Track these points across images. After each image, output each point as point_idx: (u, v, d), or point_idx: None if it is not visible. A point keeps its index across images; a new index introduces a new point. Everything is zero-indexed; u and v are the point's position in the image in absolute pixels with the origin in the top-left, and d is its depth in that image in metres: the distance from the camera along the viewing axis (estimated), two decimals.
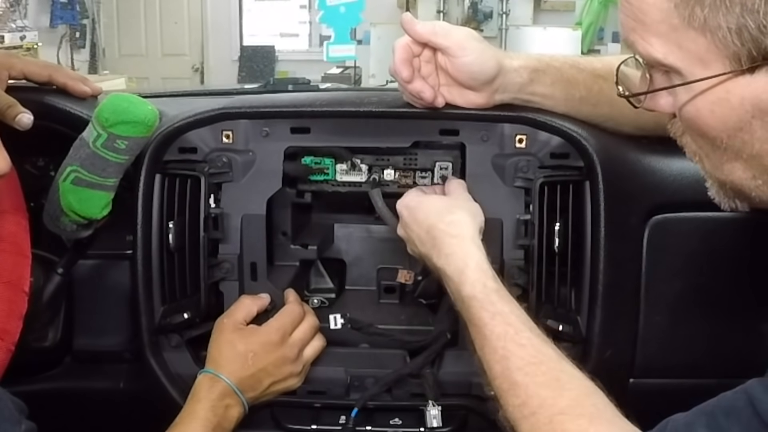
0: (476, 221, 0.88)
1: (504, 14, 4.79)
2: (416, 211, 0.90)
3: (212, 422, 0.88)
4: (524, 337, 0.77)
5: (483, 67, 0.89)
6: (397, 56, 0.89)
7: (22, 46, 5.18)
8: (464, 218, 0.86)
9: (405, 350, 1.00)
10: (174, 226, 0.96)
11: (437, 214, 0.87)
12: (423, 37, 0.89)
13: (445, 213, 0.87)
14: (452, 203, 0.90)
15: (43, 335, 0.99)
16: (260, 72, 6.69)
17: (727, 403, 0.64)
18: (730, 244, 0.96)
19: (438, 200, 0.91)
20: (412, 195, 0.93)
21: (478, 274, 0.81)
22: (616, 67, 0.94)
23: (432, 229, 0.86)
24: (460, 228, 0.85)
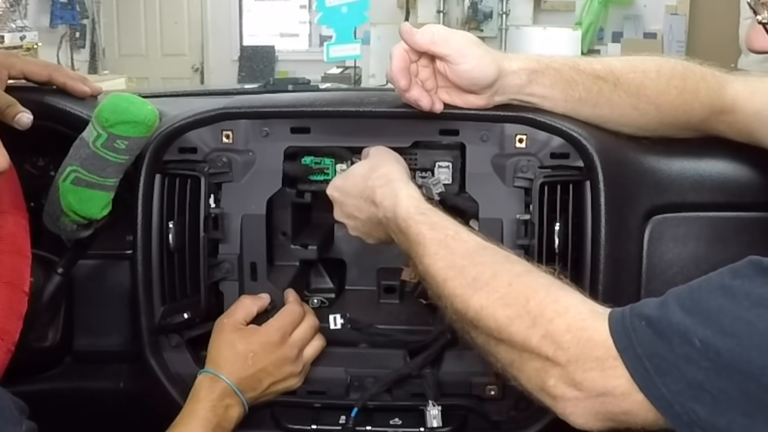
0: (400, 164, 0.90)
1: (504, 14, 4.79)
2: (345, 185, 0.91)
3: (212, 422, 0.88)
4: (464, 236, 0.78)
5: (483, 72, 0.89)
6: (394, 65, 0.89)
7: (22, 46, 5.17)
8: (389, 169, 0.88)
9: (405, 350, 1.00)
10: (174, 226, 0.96)
11: (363, 178, 0.88)
12: (422, 47, 0.89)
13: (370, 173, 0.88)
14: (374, 163, 0.90)
15: (43, 335, 0.99)
16: (260, 72, 6.68)
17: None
18: (730, 244, 0.96)
19: (360, 166, 0.91)
20: (338, 175, 0.95)
21: (410, 200, 0.83)
22: (615, 68, 0.94)
23: (363, 191, 0.88)
24: (389, 175, 0.87)
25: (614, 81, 0.93)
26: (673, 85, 0.93)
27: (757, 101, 0.93)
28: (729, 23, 4.22)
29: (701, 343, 0.59)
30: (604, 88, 0.93)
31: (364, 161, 0.92)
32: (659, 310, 0.63)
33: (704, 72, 0.95)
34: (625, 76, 0.93)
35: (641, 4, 5.89)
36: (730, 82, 0.95)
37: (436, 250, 0.77)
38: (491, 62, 0.89)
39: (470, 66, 0.89)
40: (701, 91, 0.94)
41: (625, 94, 0.93)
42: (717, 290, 0.62)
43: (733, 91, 0.94)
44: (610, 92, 0.93)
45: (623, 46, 5.60)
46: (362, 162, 0.93)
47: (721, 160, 0.98)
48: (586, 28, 5.38)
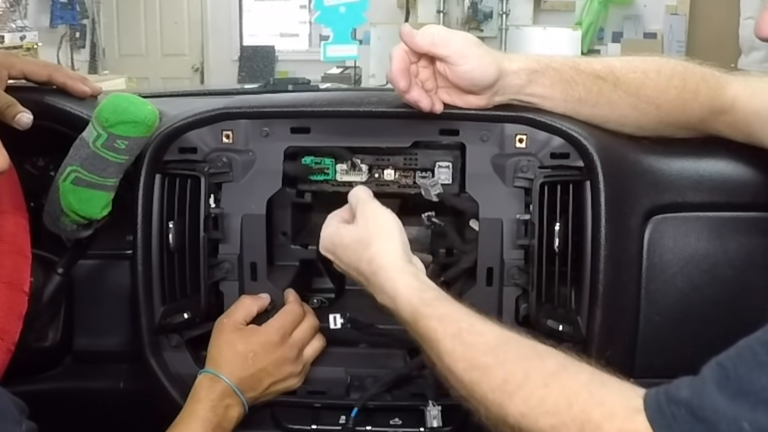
0: (392, 241, 0.82)
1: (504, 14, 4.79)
2: (337, 254, 0.86)
3: (212, 422, 0.88)
4: (479, 327, 0.72)
5: (483, 73, 0.89)
6: (394, 66, 0.88)
7: (22, 46, 5.17)
8: (380, 248, 0.81)
9: (405, 350, 1.00)
10: (174, 226, 0.96)
11: (355, 254, 0.83)
12: (422, 49, 0.89)
13: (361, 249, 0.82)
14: (362, 234, 0.84)
15: (43, 335, 0.99)
16: (260, 72, 6.68)
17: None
18: (731, 244, 0.96)
19: (349, 235, 0.85)
20: (327, 234, 0.87)
21: (411, 291, 0.77)
22: (615, 68, 0.94)
23: (357, 270, 0.84)
24: (379, 260, 0.81)
25: (614, 81, 0.93)
26: (673, 84, 0.94)
27: (757, 101, 0.93)
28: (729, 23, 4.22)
29: (751, 427, 0.55)
30: (604, 88, 0.93)
31: (353, 228, 0.85)
32: (697, 393, 0.60)
33: (704, 72, 0.95)
34: (625, 76, 0.93)
35: (641, 4, 5.89)
36: (730, 82, 0.95)
37: (453, 347, 0.71)
38: (491, 63, 0.89)
39: (470, 67, 0.89)
40: (701, 90, 0.94)
41: (625, 94, 0.93)
42: (758, 368, 0.59)
43: (733, 91, 0.94)
44: (610, 92, 0.93)
45: (623, 46, 5.60)
46: (351, 229, 0.85)
47: (721, 160, 0.98)
48: (586, 28, 5.38)
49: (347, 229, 0.85)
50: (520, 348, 0.70)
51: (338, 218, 0.89)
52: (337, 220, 0.89)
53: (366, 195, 0.88)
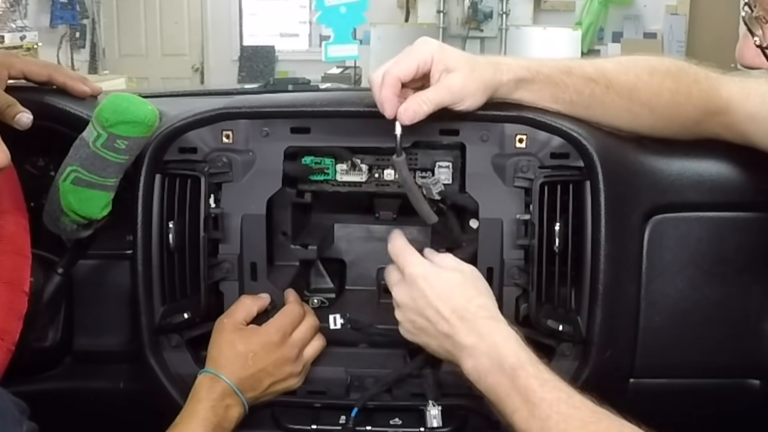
0: (495, 300, 0.87)
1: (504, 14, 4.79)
2: (437, 287, 0.85)
3: (212, 422, 0.88)
4: (577, 400, 0.75)
5: (475, 105, 0.90)
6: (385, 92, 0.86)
7: (22, 46, 5.18)
8: (489, 303, 0.85)
9: (405, 350, 1.00)
10: (174, 226, 0.96)
11: (464, 295, 0.84)
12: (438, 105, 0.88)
13: (474, 295, 0.85)
14: (474, 284, 0.86)
15: (43, 335, 0.99)
16: (260, 72, 6.69)
17: None
18: (730, 244, 0.96)
19: (459, 278, 0.86)
20: (424, 264, 0.88)
21: (521, 348, 0.80)
22: (608, 70, 0.94)
23: (457, 309, 0.83)
24: (492, 311, 0.84)
25: (606, 83, 0.93)
26: (665, 87, 0.94)
27: (751, 103, 0.93)
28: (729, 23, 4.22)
29: None
30: (596, 90, 0.93)
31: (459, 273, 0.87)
32: None
33: (698, 73, 0.95)
34: (617, 79, 0.93)
35: (641, 4, 5.90)
36: (725, 83, 0.95)
37: (548, 414, 0.74)
38: (483, 94, 0.90)
39: (465, 106, 0.90)
40: (694, 93, 0.94)
41: (618, 96, 0.93)
42: None
43: (728, 93, 0.94)
44: (602, 94, 0.93)
45: (623, 46, 5.60)
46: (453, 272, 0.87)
47: (721, 160, 0.98)
48: (586, 28, 5.39)
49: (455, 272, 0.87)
50: (610, 428, 0.74)
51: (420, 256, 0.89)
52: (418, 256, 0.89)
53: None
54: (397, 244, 0.91)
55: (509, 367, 0.78)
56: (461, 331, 0.82)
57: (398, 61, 0.88)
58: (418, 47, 0.89)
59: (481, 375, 0.80)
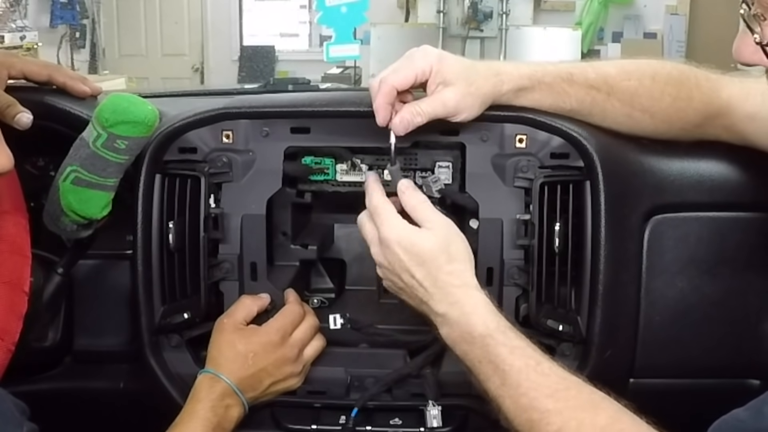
0: (471, 262, 0.85)
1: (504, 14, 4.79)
2: (410, 252, 0.83)
3: (212, 422, 0.88)
4: (546, 367, 0.76)
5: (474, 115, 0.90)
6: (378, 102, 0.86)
7: (22, 46, 5.18)
8: (464, 269, 0.84)
9: (405, 350, 1.00)
10: (174, 226, 0.96)
11: (434, 261, 0.83)
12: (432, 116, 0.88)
13: (445, 262, 0.83)
14: (445, 247, 0.84)
15: (43, 335, 0.99)
16: (260, 72, 6.69)
17: None
18: (730, 244, 0.96)
19: (432, 243, 0.84)
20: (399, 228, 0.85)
21: (491, 315, 0.80)
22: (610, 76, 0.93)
23: (430, 276, 0.83)
24: (463, 277, 0.83)
25: (608, 90, 0.93)
26: (667, 92, 0.93)
27: (751, 103, 0.93)
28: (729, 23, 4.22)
29: None
30: (597, 98, 0.93)
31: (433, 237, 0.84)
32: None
33: (699, 77, 0.95)
34: (619, 85, 0.93)
35: (641, 4, 5.90)
36: (726, 84, 0.95)
37: (518, 381, 0.75)
38: (480, 107, 0.90)
39: (461, 118, 0.90)
40: (695, 97, 0.94)
41: (619, 103, 0.93)
42: None
43: (728, 94, 0.94)
44: (604, 101, 0.93)
45: (623, 46, 5.60)
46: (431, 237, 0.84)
47: (720, 160, 0.98)
48: (586, 28, 5.38)
49: (427, 234, 0.84)
50: (579, 396, 0.75)
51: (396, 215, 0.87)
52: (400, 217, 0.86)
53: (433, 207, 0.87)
54: (374, 200, 0.88)
55: (478, 336, 0.79)
56: (434, 298, 0.83)
57: (397, 69, 0.87)
58: (419, 57, 0.88)
59: (455, 343, 0.82)
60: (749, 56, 0.74)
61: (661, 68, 0.95)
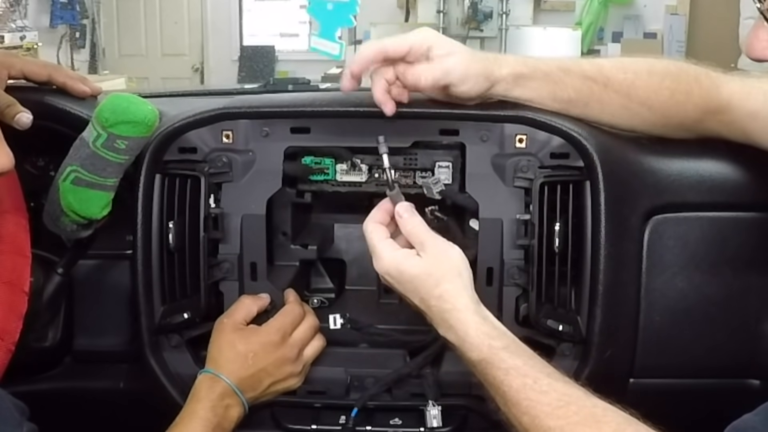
0: (463, 280, 0.83)
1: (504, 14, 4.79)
2: (401, 283, 0.84)
3: (212, 422, 0.88)
4: (544, 384, 0.75)
5: (476, 90, 0.90)
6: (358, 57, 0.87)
7: (22, 46, 5.17)
8: (452, 288, 0.82)
9: (405, 350, 1.00)
10: (174, 226, 0.96)
11: (423, 287, 0.82)
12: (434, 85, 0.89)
13: (432, 287, 0.82)
14: (432, 269, 0.83)
15: (43, 335, 0.99)
16: (260, 72, 6.68)
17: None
18: (730, 244, 0.96)
19: (418, 267, 0.83)
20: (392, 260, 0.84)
21: (481, 338, 0.79)
22: (605, 68, 0.94)
23: (424, 302, 0.83)
24: (452, 300, 0.81)
25: (604, 81, 0.93)
26: (665, 86, 0.93)
27: (752, 101, 0.93)
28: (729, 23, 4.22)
29: None
30: (594, 88, 0.93)
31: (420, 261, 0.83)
32: None
33: (698, 72, 0.95)
34: (616, 77, 0.93)
35: (641, 4, 5.89)
36: (726, 82, 0.95)
37: (517, 401, 0.75)
38: (485, 80, 0.90)
39: (467, 87, 0.89)
40: (694, 91, 0.94)
41: (616, 95, 0.93)
42: None
43: (729, 91, 0.94)
44: (600, 92, 0.93)
45: (623, 46, 5.60)
46: (419, 262, 0.83)
47: (720, 160, 0.98)
48: (586, 28, 5.38)
49: (415, 260, 0.84)
50: (580, 411, 0.73)
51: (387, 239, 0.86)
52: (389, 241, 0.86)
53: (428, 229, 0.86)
54: (368, 228, 0.87)
55: (475, 361, 0.79)
56: (434, 322, 0.84)
57: (392, 38, 0.88)
58: (415, 31, 0.89)
59: (464, 362, 0.82)
60: (761, 51, 0.74)
61: (657, 63, 0.96)
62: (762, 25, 0.73)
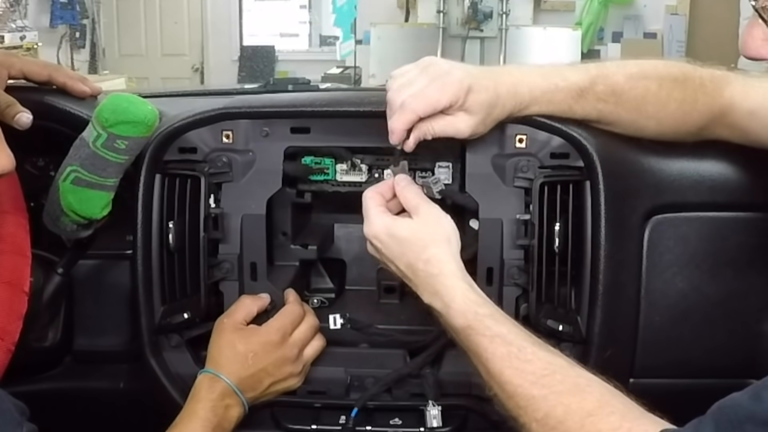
0: (451, 247, 0.83)
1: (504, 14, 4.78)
2: (387, 245, 0.84)
3: (212, 422, 0.88)
4: (529, 352, 0.75)
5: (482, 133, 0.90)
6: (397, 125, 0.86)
7: (22, 46, 5.18)
8: (440, 253, 0.82)
9: (405, 350, 1.00)
10: (174, 226, 0.96)
11: (411, 251, 0.83)
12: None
13: (420, 250, 0.82)
14: (422, 233, 0.83)
15: (43, 335, 0.99)
16: (260, 72, 6.69)
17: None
18: (730, 244, 0.96)
19: (408, 229, 0.84)
20: (382, 222, 0.85)
21: (467, 305, 0.79)
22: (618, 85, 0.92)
23: (410, 267, 0.83)
24: (439, 265, 0.82)
25: (615, 101, 0.92)
26: (672, 97, 0.93)
27: (751, 100, 0.93)
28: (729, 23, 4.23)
29: None
30: (604, 110, 0.93)
31: (411, 224, 0.84)
32: None
33: (703, 78, 0.95)
34: (627, 95, 0.92)
35: (641, 4, 5.90)
36: (729, 82, 0.95)
37: (501, 370, 0.75)
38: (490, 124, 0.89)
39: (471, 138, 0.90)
40: (699, 99, 0.94)
41: (626, 112, 0.93)
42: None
43: (730, 92, 0.94)
44: (610, 113, 0.93)
45: (623, 46, 5.60)
46: (409, 224, 0.84)
47: (720, 160, 0.98)
48: (586, 28, 5.38)
49: (406, 223, 0.85)
50: (564, 380, 0.73)
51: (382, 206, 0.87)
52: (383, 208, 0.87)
53: (424, 197, 0.88)
54: (366, 195, 0.88)
55: (459, 328, 0.79)
56: (419, 288, 0.83)
57: (424, 96, 0.84)
58: (450, 84, 0.84)
59: (449, 332, 0.82)
60: (756, 50, 0.74)
61: (667, 73, 0.94)
62: (757, 23, 0.73)
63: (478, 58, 4.69)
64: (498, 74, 0.89)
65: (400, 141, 0.87)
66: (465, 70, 0.87)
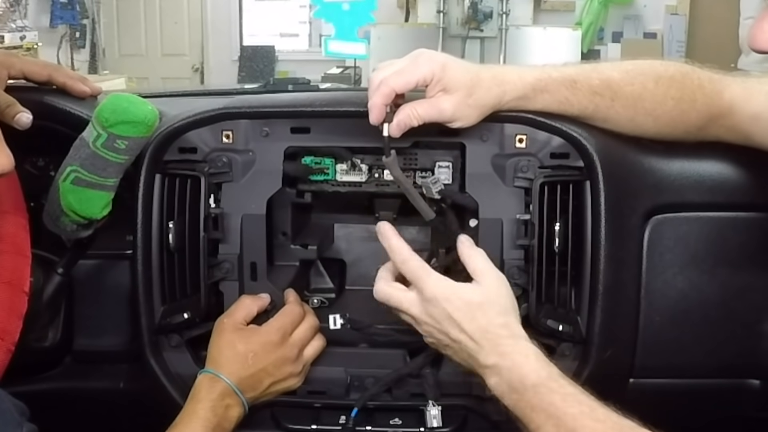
0: (517, 312, 0.86)
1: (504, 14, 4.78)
2: (462, 309, 0.84)
3: (212, 422, 0.88)
4: (600, 413, 0.76)
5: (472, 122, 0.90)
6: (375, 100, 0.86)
7: (22, 46, 5.18)
8: (511, 319, 0.84)
9: (405, 350, 1.00)
10: (174, 226, 0.96)
11: (485, 315, 0.83)
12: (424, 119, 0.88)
13: (495, 315, 0.83)
14: (499, 299, 0.85)
15: (43, 335, 0.99)
16: (260, 72, 6.69)
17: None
18: (731, 244, 0.96)
19: (481, 296, 0.84)
20: (443, 285, 0.85)
21: (542, 364, 0.80)
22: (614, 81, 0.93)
23: (481, 330, 0.83)
24: (513, 328, 0.83)
25: (611, 96, 0.92)
26: (670, 96, 0.93)
27: (753, 104, 0.93)
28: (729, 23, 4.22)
29: None
30: (600, 104, 0.93)
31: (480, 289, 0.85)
32: None
33: (702, 78, 0.95)
34: (623, 90, 0.92)
35: (641, 4, 5.89)
36: (728, 85, 0.95)
37: (573, 428, 0.75)
38: (479, 115, 0.90)
39: (459, 125, 0.90)
40: (698, 99, 0.94)
41: (622, 108, 0.93)
42: None
43: (731, 94, 0.94)
44: (607, 108, 0.93)
45: (623, 46, 5.60)
46: (478, 289, 0.85)
47: (720, 160, 0.98)
48: (586, 28, 5.38)
49: (476, 288, 0.85)
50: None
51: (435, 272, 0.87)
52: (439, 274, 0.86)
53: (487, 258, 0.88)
54: (408, 264, 0.87)
55: (531, 385, 0.79)
56: (483, 350, 0.82)
57: (400, 72, 0.86)
58: (423, 62, 0.87)
59: (505, 392, 0.81)
60: (765, 43, 0.74)
61: (663, 71, 0.94)
62: (764, 18, 0.73)
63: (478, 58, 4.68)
64: (487, 65, 0.92)
65: (379, 119, 0.87)
66: (447, 55, 0.89)
